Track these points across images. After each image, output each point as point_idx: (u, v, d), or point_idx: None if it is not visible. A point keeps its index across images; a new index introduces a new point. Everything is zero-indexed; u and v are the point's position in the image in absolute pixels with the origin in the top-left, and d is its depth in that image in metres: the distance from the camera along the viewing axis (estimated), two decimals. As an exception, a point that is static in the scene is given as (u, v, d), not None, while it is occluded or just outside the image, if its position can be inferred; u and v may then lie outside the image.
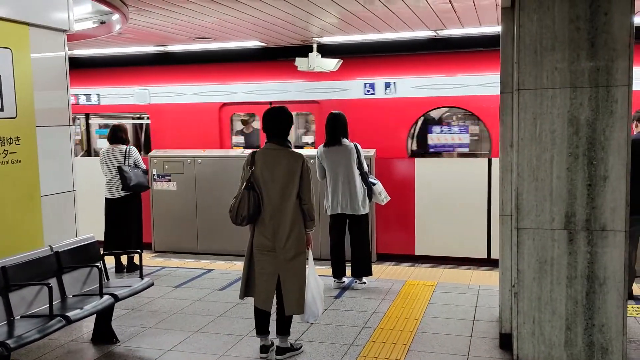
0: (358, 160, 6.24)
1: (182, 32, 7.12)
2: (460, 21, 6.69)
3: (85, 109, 9.74)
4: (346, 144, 6.24)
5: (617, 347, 3.84)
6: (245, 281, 4.51)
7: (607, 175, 3.76)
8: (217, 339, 4.94)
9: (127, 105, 9.53)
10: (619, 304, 3.82)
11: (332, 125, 6.28)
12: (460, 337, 4.87)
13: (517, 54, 3.89)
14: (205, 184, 8.40)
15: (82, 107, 9.69)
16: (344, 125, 6.32)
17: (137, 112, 9.70)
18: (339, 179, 6.22)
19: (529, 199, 3.92)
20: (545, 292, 3.94)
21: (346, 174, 6.19)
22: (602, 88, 3.73)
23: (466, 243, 7.56)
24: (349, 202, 6.21)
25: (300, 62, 7.61)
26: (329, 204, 6.34)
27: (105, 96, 9.61)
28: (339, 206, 6.25)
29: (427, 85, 7.98)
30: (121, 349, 4.78)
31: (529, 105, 3.87)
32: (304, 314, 4.44)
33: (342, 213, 6.28)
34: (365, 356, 4.51)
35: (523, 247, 3.96)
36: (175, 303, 5.95)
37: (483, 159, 7.55)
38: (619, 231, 3.77)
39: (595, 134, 3.76)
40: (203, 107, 9.14)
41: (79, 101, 9.58)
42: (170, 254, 8.46)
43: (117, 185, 7.03)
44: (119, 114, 9.75)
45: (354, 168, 6.19)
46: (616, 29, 3.68)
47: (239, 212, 4.34)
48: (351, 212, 6.24)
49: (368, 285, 6.42)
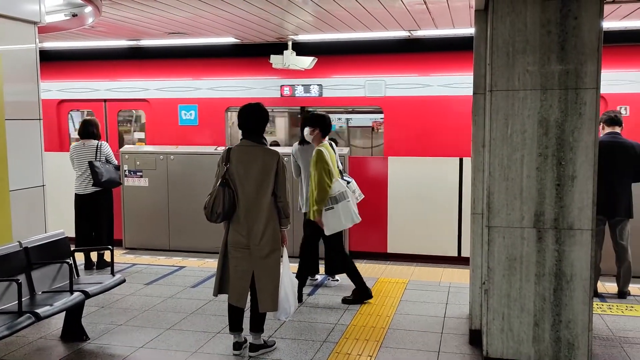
0: None
1: (155, 26, 7.05)
2: (435, 22, 6.77)
3: (303, 102, 8.62)
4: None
5: (582, 343, 3.94)
6: (220, 278, 4.50)
7: (575, 175, 3.86)
8: (190, 336, 4.92)
9: (356, 97, 8.36)
10: (585, 301, 3.92)
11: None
12: (431, 334, 4.94)
13: (490, 56, 3.96)
14: (177, 180, 8.34)
15: (298, 99, 8.61)
16: None
17: (369, 106, 8.54)
18: None
19: (500, 198, 4.00)
20: (515, 289, 4.02)
21: None
22: (571, 90, 3.82)
23: (437, 241, 7.66)
24: None
25: (275, 60, 7.61)
26: (303, 202, 6.35)
27: (329, 87, 8.44)
28: None
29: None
30: (91, 347, 4.72)
31: (500, 106, 3.95)
32: (277, 311, 4.46)
33: None
34: (338, 353, 4.55)
35: (493, 245, 4.04)
36: (146, 300, 5.90)
37: (454, 158, 7.65)
38: (585, 230, 3.87)
39: (564, 135, 3.86)
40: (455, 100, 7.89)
41: (294, 92, 8.49)
42: (142, 250, 8.37)
43: (87, 180, 6.93)
44: (344, 107, 8.79)
45: None
46: (585, 33, 3.78)
47: (213, 209, 4.33)
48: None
49: (341, 283, 6.46)
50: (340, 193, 5.57)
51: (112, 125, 9.30)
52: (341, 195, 5.58)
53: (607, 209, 5.71)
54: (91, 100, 9.13)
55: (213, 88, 8.63)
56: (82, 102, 9.19)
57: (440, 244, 7.65)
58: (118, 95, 9.03)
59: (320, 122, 5.75)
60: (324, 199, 5.51)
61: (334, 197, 5.55)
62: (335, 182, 5.57)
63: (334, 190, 5.53)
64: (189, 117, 8.72)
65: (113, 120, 9.32)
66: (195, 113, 8.62)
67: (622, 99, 7.36)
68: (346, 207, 5.61)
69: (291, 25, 6.96)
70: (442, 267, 7.25)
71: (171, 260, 7.62)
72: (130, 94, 8.99)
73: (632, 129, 6.63)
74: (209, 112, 8.65)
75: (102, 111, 9.27)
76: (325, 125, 5.77)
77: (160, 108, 8.84)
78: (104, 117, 9.19)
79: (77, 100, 9.19)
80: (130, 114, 9.74)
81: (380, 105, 8.21)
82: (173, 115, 7.65)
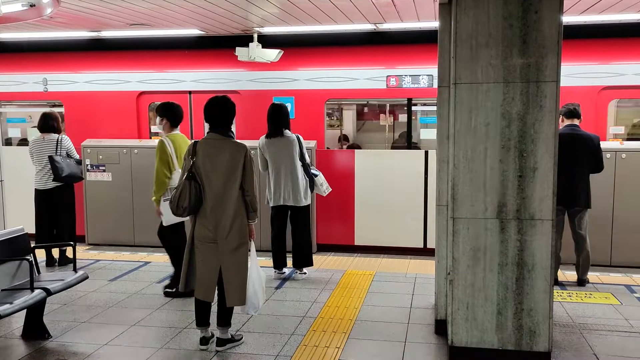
0: (300, 151, 6.26)
1: (117, 17, 6.89)
2: (400, 15, 6.80)
3: (410, 93, 7.85)
4: (288, 135, 6.24)
5: (543, 330, 4.04)
6: (186, 273, 4.46)
7: (537, 166, 3.94)
8: (155, 331, 4.86)
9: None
10: (546, 289, 4.02)
11: (274, 116, 6.27)
12: (398, 324, 5.00)
13: (454, 49, 4.01)
14: (142, 174, 8.19)
15: (405, 90, 7.83)
16: (286, 116, 6.33)
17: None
18: (281, 171, 6.22)
19: (464, 189, 4.06)
20: (479, 279, 4.10)
21: (288, 165, 6.20)
22: (532, 83, 3.90)
23: (404, 233, 7.73)
24: (291, 194, 6.23)
25: (240, 52, 7.53)
26: (270, 196, 6.34)
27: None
28: (282, 197, 6.26)
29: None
30: (53, 345, 4.62)
31: (464, 99, 4.00)
32: (245, 305, 4.44)
33: (284, 204, 6.29)
34: (306, 345, 4.56)
35: (458, 236, 4.10)
36: (110, 296, 5.80)
37: (420, 151, 7.72)
38: (546, 220, 3.96)
39: (526, 127, 3.93)
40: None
41: (401, 84, 7.78)
42: (105, 246, 8.22)
43: (48, 175, 6.76)
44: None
45: (296, 159, 6.21)
46: (546, 27, 3.85)
47: (179, 203, 4.29)
48: (293, 204, 6.26)
49: (308, 276, 6.48)
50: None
51: (197, 118, 8.46)
52: None
53: (566, 199, 5.86)
54: (175, 92, 8.43)
55: (311, 79, 8.05)
56: (165, 94, 8.43)
57: (407, 235, 7.73)
58: (206, 86, 8.34)
59: (168, 111, 5.70)
60: (161, 189, 5.49)
61: (174, 188, 5.51)
62: (176, 173, 5.49)
63: (174, 181, 5.42)
64: None
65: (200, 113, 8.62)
66: (291, 105, 8.00)
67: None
68: None
69: (256, 17, 6.90)
70: (408, 259, 7.34)
71: (136, 256, 7.51)
72: (220, 85, 8.31)
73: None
74: (306, 105, 8.08)
75: (187, 103, 8.43)
76: (173, 114, 5.71)
77: (252, 100, 8.18)
78: (188, 110, 8.38)
79: (160, 92, 8.46)
80: None
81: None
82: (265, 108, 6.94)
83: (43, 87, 8.78)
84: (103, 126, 8.58)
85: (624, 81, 7.20)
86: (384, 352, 4.42)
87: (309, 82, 8.03)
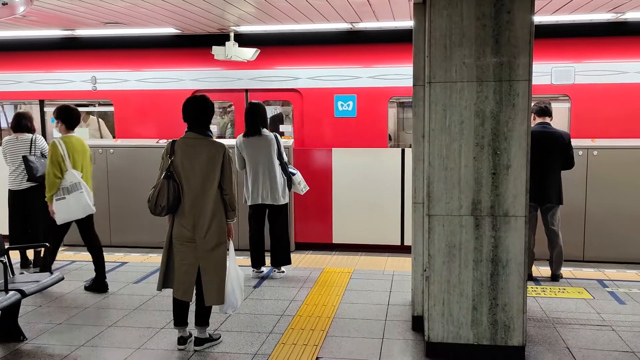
0: (278, 150, 6.27)
1: (91, 16, 6.82)
2: (376, 15, 6.84)
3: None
4: (266, 134, 6.25)
5: (518, 325, 4.12)
6: (164, 272, 4.45)
7: (510, 164, 4.01)
8: (133, 332, 4.83)
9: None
10: (520, 284, 4.09)
11: (252, 115, 6.28)
12: (375, 321, 5.04)
13: (429, 48, 4.05)
14: (118, 174, 8.13)
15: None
16: (264, 115, 6.33)
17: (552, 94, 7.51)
18: (259, 170, 6.22)
19: (439, 187, 4.11)
20: (454, 276, 4.15)
21: (267, 164, 6.21)
22: (505, 82, 3.96)
23: (381, 231, 7.79)
24: (269, 192, 6.24)
25: (217, 51, 7.51)
26: (248, 194, 6.34)
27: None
28: (260, 196, 6.26)
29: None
30: (29, 347, 4.57)
31: (439, 98, 4.05)
32: (224, 304, 4.44)
33: (262, 203, 6.30)
34: (284, 343, 4.58)
35: (434, 233, 4.15)
36: (87, 298, 5.75)
37: (397, 149, 7.78)
38: (520, 216, 4.04)
39: (499, 125, 4.00)
40: None
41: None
42: (81, 247, 8.10)
43: (22, 176, 6.66)
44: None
45: (274, 158, 6.23)
46: (518, 27, 3.92)
47: (157, 202, 4.28)
48: (272, 202, 6.27)
49: (286, 274, 6.49)
50: (72, 184, 5.75)
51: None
52: (73, 186, 5.75)
53: (538, 196, 5.97)
54: (230, 90, 8.22)
55: (374, 77, 7.86)
56: (219, 92, 8.21)
57: (384, 233, 7.78)
58: (263, 85, 8.11)
59: (64, 114, 5.89)
60: (52, 188, 5.71)
61: (66, 188, 5.74)
62: (68, 173, 5.73)
63: (67, 181, 5.72)
64: (346, 108, 7.92)
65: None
66: (353, 104, 7.87)
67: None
68: (78, 199, 5.78)
69: (233, 16, 6.88)
70: (386, 256, 7.39)
71: (113, 257, 7.45)
72: (277, 83, 8.10)
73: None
74: (368, 103, 7.88)
75: (243, 102, 8.23)
76: (69, 117, 5.91)
77: (313, 98, 8.03)
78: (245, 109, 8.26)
79: (213, 91, 8.07)
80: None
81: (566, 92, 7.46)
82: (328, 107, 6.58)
83: (92, 86, 8.51)
84: (156, 126, 8.32)
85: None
86: (362, 349, 4.45)
87: (371, 80, 7.85)
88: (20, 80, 8.66)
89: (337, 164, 7.83)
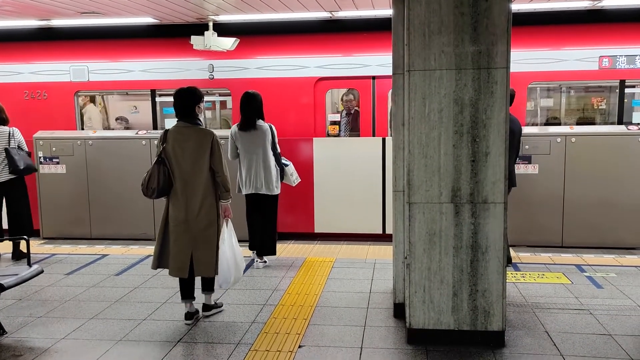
0: (272, 141, 6.28)
1: (66, 5, 6.70)
2: (355, 3, 6.82)
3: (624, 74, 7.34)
4: (261, 125, 6.24)
5: (497, 310, 4.17)
6: (159, 252, 4.74)
7: (489, 151, 4.04)
8: (114, 324, 4.81)
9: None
10: (499, 270, 4.14)
11: (247, 106, 6.24)
12: (358, 309, 5.07)
13: (407, 36, 4.06)
14: (97, 166, 8.04)
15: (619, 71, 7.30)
16: (259, 106, 6.30)
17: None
18: (254, 160, 6.22)
19: (419, 175, 4.13)
20: (435, 262, 4.19)
21: (262, 154, 6.22)
22: (483, 70, 3.99)
23: (363, 220, 7.82)
24: (264, 182, 6.25)
25: (196, 41, 7.44)
26: (242, 184, 6.35)
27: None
28: (254, 186, 6.27)
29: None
30: (9, 341, 4.52)
31: (418, 86, 4.06)
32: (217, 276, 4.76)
33: (256, 192, 6.30)
34: (267, 332, 4.59)
35: (414, 220, 4.18)
36: (67, 290, 5.70)
37: (378, 138, 7.79)
38: (498, 203, 4.08)
39: (478, 113, 4.02)
40: None
41: (615, 64, 7.27)
42: (61, 240, 8.05)
43: (1, 168, 6.59)
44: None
45: (269, 149, 6.24)
46: (496, 15, 3.94)
47: (149, 185, 4.63)
48: (266, 192, 6.30)
49: (269, 264, 6.50)
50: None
51: (381, 107, 7.91)
52: None
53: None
54: (356, 77, 7.86)
55: (514, 61, 7.60)
56: (345, 79, 7.91)
57: (366, 222, 7.82)
58: (388, 71, 7.75)
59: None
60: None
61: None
62: None
63: None
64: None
65: (382, 101, 7.88)
66: None
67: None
68: None
69: (211, 5, 6.81)
70: (368, 245, 7.43)
71: (93, 249, 7.39)
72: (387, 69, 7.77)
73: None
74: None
75: (369, 90, 7.90)
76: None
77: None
78: (371, 97, 7.89)
79: (339, 78, 7.86)
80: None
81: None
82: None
83: (208, 75, 8.07)
84: (278, 116, 7.76)
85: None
86: (344, 337, 4.48)
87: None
88: (132, 69, 8.27)
89: (318, 153, 7.83)
